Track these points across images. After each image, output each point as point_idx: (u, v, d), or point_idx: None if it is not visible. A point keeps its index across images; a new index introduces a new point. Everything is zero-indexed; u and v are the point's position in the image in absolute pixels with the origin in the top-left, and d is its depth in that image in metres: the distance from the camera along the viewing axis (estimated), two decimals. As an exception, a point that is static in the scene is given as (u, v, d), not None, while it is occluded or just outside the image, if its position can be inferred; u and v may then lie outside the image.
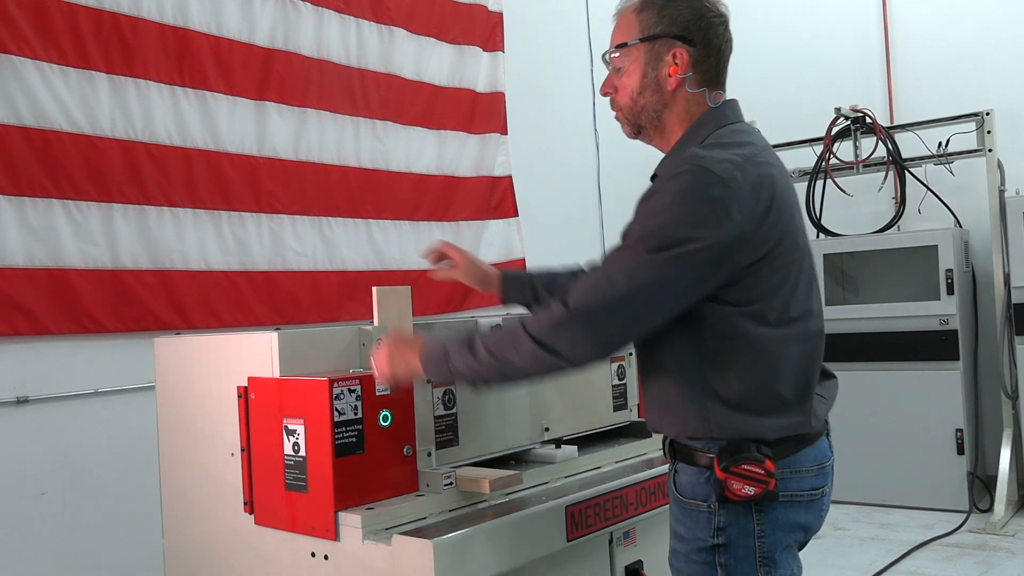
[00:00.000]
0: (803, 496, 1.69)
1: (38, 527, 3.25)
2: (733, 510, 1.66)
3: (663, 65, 1.75)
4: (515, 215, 5.37)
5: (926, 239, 5.51)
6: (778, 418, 1.66)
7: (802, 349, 1.69)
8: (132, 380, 3.48)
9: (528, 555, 1.94)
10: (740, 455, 1.61)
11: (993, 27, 5.89)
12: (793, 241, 1.67)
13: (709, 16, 1.74)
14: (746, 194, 1.58)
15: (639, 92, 1.80)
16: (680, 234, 1.55)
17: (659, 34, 1.75)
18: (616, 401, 2.66)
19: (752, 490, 1.61)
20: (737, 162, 1.61)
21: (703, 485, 1.68)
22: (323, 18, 4.41)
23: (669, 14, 1.74)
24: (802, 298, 1.70)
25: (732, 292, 1.62)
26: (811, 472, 1.70)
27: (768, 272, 1.63)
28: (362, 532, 1.83)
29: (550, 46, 5.92)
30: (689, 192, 1.57)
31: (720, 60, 1.77)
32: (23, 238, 3.27)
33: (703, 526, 1.68)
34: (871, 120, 5.72)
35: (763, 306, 1.64)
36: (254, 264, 4.01)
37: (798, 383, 1.68)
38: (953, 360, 5.35)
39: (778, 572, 1.69)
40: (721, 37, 1.76)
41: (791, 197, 1.71)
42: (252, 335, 2.10)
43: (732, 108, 1.79)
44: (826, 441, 1.76)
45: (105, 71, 3.54)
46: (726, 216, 1.55)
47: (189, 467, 2.28)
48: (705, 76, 1.75)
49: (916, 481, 5.36)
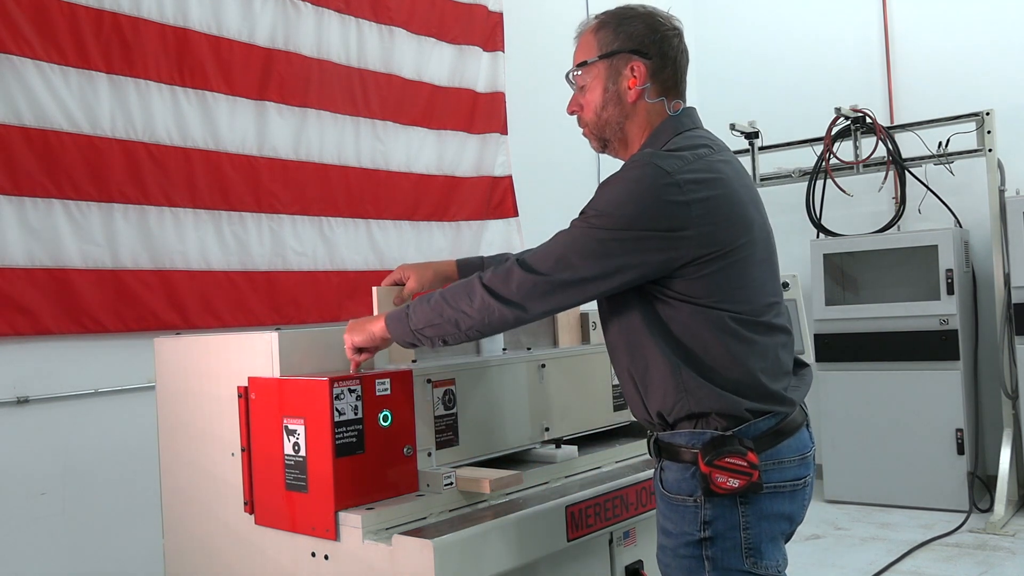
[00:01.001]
0: (786, 486, 1.75)
1: (38, 527, 3.25)
2: (719, 503, 1.71)
3: (622, 79, 1.86)
4: (515, 215, 5.37)
5: (926, 239, 5.52)
6: (758, 403, 1.72)
7: (771, 340, 1.76)
8: (132, 380, 3.48)
9: (528, 555, 1.94)
10: (723, 448, 1.68)
11: (993, 27, 5.90)
12: (749, 237, 1.74)
13: (663, 30, 1.85)
14: (693, 189, 1.67)
15: (602, 106, 1.90)
16: (625, 218, 1.67)
17: (616, 50, 1.85)
18: (616, 401, 2.66)
19: (736, 482, 1.67)
20: (688, 159, 1.71)
21: (688, 480, 1.73)
22: (323, 18, 4.41)
23: (625, 31, 1.85)
24: (766, 290, 1.78)
25: (692, 287, 1.70)
26: (793, 463, 1.76)
27: (724, 266, 1.70)
28: (362, 532, 1.83)
29: (550, 46, 5.90)
30: (639, 182, 1.69)
31: (676, 70, 1.88)
32: (23, 238, 3.27)
33: (690, 520, 1.73)
34: (871, 120, 5.73)
35: (728, 301, 1.71)
36: (254, 264, 4.01)
37: (774, 372, 1.75)
38: (953, 360, 5.36)
39: (764, 563, 1.73)
40: (676, 48, 1.87)
41: (744, 194, 1.78)
42: (252, 335, 2.10)
43: (690, 115, 1.88)
44: (806, 432, 1.82)
45: (105, 71, 3.54)
46: (671, 208, 1.65)
47: (189, 467, 2.28)
48: (663, 86, 1.86)
49: (916, 481, 5.36)
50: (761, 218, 1.82)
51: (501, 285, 1.75)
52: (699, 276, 1.69)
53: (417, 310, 1.85)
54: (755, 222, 1.77)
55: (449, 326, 1.82)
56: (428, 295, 1.87)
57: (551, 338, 2.68)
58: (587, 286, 1.72)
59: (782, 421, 1.75)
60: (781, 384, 1.77)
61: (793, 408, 1.78)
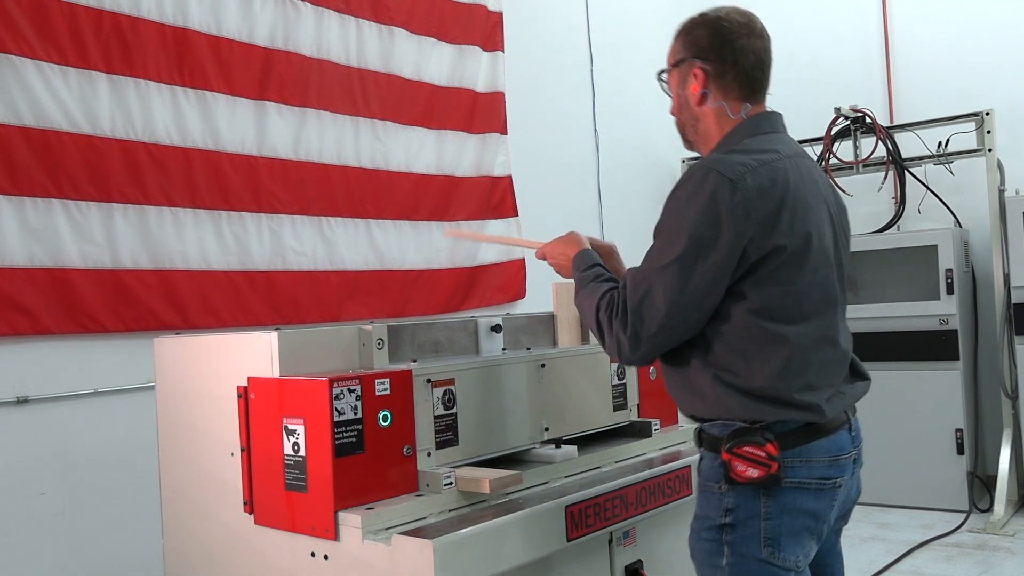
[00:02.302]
0: (812, 484, 1.79)
1: (38, 527, 3.25)
2: (742, 492, 1.79)
3: (688, 85, 1.94)
4: (515, 215, 5.37)
5: (926, 239, 5.52)
6: (784, 409, 1.77)
7: (812, 345, 1.80)
8: (132, 380, 3.48)
9: (528, 555, 1.94)
10: (743, 438, 1.76)
11: (993, 27, 5.90)
12: (807, 243, 1.79)
13: (725, 32, 1.89)
14: (754, 195, 1.73)
15: (679, 110, 2.01)
16: (698, 235, 1.74)
17: (682, 58, 1.95)
18: (616, 401, 2.66)
19: (755, 472, 1.75)
20: (751, 165, 1.76)
21: (716, 468, 1.82)
22: (323, 18, 4.40)
23: (690, 38, 1.93)
24: (816, 297, 1.81)
25: (743, 286, 1.76)
26: (823, 462, 1.80)
27: (774, 270, 1.75)
28: (362, 532, 1.83)
29: (550, 46, 5.92)
30: (698, 192, 1.75)
31: (740, 72, 1.90)
32: (23, 238, 3.27)
33: (714, 506, 1.82)
34: (871, 120, 5.72)
35: (774, 303, 1.76)
36: (254, 264, 4.00)
37: (810, 376, 1.79)
38: (953, 360, 5.36)
39: (782, 555, 1.79)
40: (740, 50, 1.89)
41: (811, 201, 1.83)
42: (252, 335, 2.10)
43: (768, 119, 1.93)
44: (846, 435, 1.86)
45: (105, 71, 3.53)
46: (732, 214, 1.71)
47: (189, 467, 2.28)
48: (725, 90, 1.91)
49: (916, 481, 5.36)
50: (822, 227, 1.85)
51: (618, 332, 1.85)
52: (747, 284, 1.76)
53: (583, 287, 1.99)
54: (814, 232, 1.80)
55: (587, 314, 1.95)
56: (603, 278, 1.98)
57: (551, 338, 2.68)
58: (694, 319, 1.79)
59: (815, 422, 1.79)
60: (816, 396, 1.80)
61: (823, 418, 1.80)
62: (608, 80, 6.21)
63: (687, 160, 6.62)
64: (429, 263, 4.83)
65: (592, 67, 6.16)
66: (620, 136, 6.25)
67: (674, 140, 2.12)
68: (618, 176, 6.21)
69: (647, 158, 6.58)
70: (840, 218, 1.97)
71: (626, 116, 6.37)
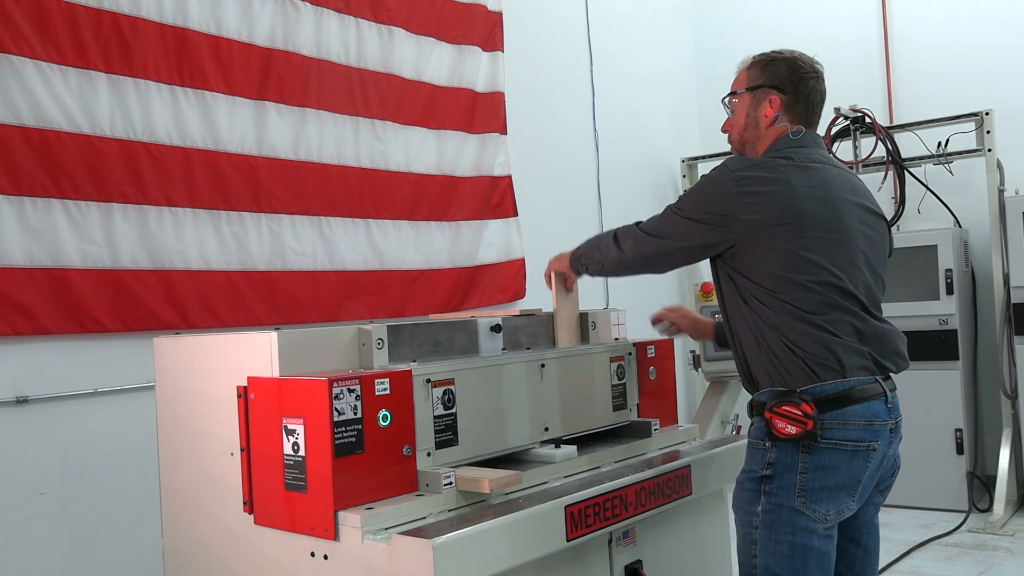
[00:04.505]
0: (848, 445, 2.06)
1: (38, 527, 3.25)
2: (783, 448, 2.07)
3: (761, 108, 2.31)
4: (515, 215, 5.37)
5: (926, 239, 5.52)
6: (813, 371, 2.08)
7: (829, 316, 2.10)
8: (132, 380, 3.48)
9: (528, 555, 1.94)
10: (783, 399, 2.06)
11: (992, 27, 5.90)
12: (801, 228, 2.10)
13: (801, 72, 2.30)
14: (747, 183, 2.12)
15: (744, 128, 2.35)
16: (698, 209, 2.21)
17: (760, 84, 2.31)
18: (616, 401, 2.66)
19: (793, 429, 2.04)
20: (757, 162, 2.18)
21: (762, 428, 2.12)
22: (323, 18, 4.40)
23: (770, 70, 2.31)
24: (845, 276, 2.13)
25: (750, 269, 2.14)
26: (858, 426, 2.08)
27: (769, 249, 2.10)
28: (362, 532, 1.83)
29: (550, 46, 5.92)
30: (712, 181, 2.20)
31: (808, 106, 2.31)
32: (23, 238, 3.27)
33: (758, 460, 2.12)
34: (870, 120, 5.72)
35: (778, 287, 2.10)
36: (254, 264, 4.00)
37: (827, 351, 2.08)
38: (952, 360, 5.36)
39: (813, 506, 2.05)
40: (811, 89, 2.31)
41: (825, 195, 2.16)
42: (252, 335, 2.10)
43: (804, 138, 2.27)
44: (881, 404, 2.14)
45: (104, 71, 3.53)
46: (727, 198, 2.14)
47: (189, 467, 2.28)
48: (794, 118, 2.30)
49: (916, 481, 5.36)
50: (847, 217, 2.17)
51: (622, 238, 2.37)
52: (750, 259, 2.13)
53: (581, 247, 2.56)
54: (812, 217, 2.11)
55: (594, 258, 2.48)
56: (592, 237, 2.54)
57: (550, 338, 2.68)
58: (673, 252, 2.29)
59: (849, 388, 2.08)
60: (842, 360, 2.08)
61: (848, 380, 2.08)
62: (608, 80, 6.21)
63: (686, 160, 6.62)
64: (429, 263, 4.83)
65: (592, 67, 6.16)
66: (620, 136, 6.25)
67: (674, 140, 2.21)
68: (618, 176, 6.21)
69: (647, 158, 6.58)
70: (869, 213, 2.28)
71: (626, 116, 6.37)
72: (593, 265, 2.50)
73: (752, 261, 2.13)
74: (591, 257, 2.49)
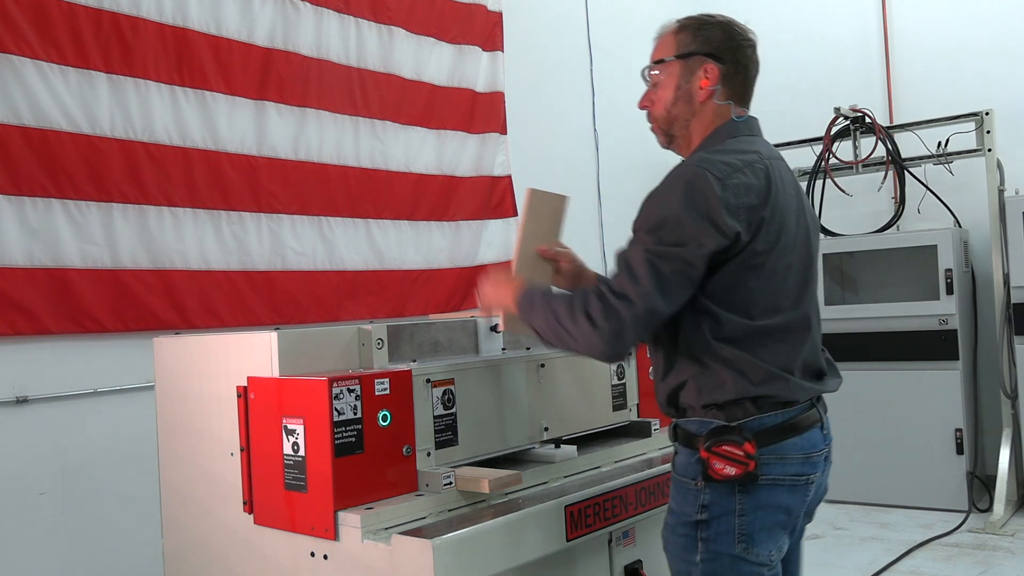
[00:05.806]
0: (786, 480, 1.83)
1: (38, 527, 3.25)
2: (717, 489, 1.81)
3: (695, 79, 1.96)
4: (515, 215, 5.36)
5: (926, 239, 5.51)
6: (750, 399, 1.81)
7: (768, 345, 1.83)
8: (132, 380, 3.48)
9: (527, 555, 1.94)
10: (723, 437, 1.79)
11: (992, 27, 5.90)
12: (783, 243, 1.85)
13: (739, 39, 1.98)
14: (742, 192, 1.78)
15: (672, 103, 1.99)
16: (681, 227, 1.76)
17: (693, 51, 1.97)
18: (616, 401, 2.66)
19: (733, 470, 1.78)
20: (736, 165, 1.81)
21: (694, 465, 1.84)
22: (323, 18, 4.40)
23: (703, 35, 1.97)
24: (791, 295, 1.87)
25: (713, 285, 1.80)
26: (797, 459, 1.84)
27: (737, 268, 1.79)
28: (361, 532, 1.83)
29: (550, 46, 5.92)
30: (689, 188, 1.78)
31: (747, 79, 1.99)
32: (23, 238, 3.27)
33: (690, 502, 1.85)
34: (870, 120, 5.72)
35: (747, 302, 1.81)
36: (254, 264, 4.01)
37: (764, 376, 1.81)
38: (952, 360, 5.36)
39: (755, 550, 1.82)
40: (748, 58, 1.99)
41: (788, 203, 1.89)
42: (252, 335, 2.10)
43: (749, 124, 1.99)
44: (818, 433, 1.89)
45: (104, 71, 3.53)
46: (719, 211, 1.75)
47: (189, 467, 2.28)
48: (732, 92, 1.97)
49: (915, 481, 5.36)
50: (796, 227, 1.90)
51: (597, 315, 1.80)
52: (715, 276, 1.80)
53: (537, 310, 1.93)
54: (789, 230, 1.86)
55: (552, 335, 1.90)
56: (553, 297, 1.94)
57: (550, 338, 2.67)
58: (674, 303, 1.80)
59: (790, 419, 1.83)
60: (773, 388, 1.82)
61: (783, 410, 1.83)
62: (608, 80, 6.21)
63: (687, 160, 6.59)
64: (429, 263, 4.83)
65: (592, 67, 6.15)
66: (620, 136, 6.24)
67: (674, 140, 2.08)
68: (618, 176, 6.20)
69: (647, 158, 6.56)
70: (812, 220, 2.02)
71: (626, 116, 6.35)
72: (550, 339, 1.95)
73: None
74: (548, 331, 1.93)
